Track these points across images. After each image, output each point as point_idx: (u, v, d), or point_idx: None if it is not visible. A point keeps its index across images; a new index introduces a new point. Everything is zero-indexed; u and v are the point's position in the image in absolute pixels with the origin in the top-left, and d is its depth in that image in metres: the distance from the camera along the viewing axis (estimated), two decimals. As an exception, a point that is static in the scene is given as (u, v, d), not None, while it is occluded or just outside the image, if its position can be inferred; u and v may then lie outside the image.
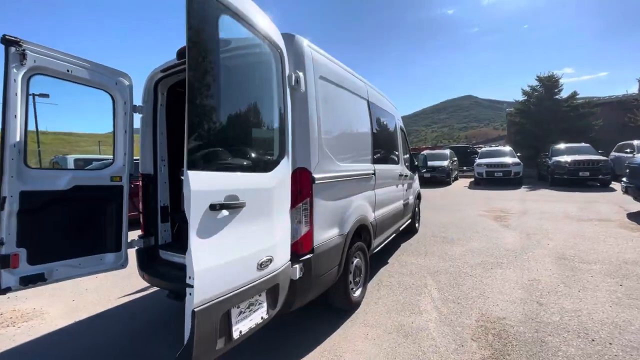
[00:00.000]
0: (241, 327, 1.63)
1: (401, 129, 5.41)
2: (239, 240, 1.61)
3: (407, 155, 5.83)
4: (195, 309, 1.33)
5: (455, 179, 18.02)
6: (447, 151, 17.24)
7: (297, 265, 2.20)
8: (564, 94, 19.72)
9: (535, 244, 5.25)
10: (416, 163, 6.14)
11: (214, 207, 1.45)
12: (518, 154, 15.56)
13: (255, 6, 1.83)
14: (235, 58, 1.88)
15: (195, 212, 1.36)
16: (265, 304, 1.83)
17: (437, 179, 15.34)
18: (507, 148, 16.51)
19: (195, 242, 1.36)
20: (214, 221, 1.47)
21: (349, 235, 2.92)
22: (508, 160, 14.28)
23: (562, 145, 14.55)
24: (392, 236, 4.56)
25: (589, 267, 4.12)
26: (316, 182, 2.39)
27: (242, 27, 1.72)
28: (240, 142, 1.82)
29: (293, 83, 2.23)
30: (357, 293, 3.26)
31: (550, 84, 19.58)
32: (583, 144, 14.35)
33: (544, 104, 19.20)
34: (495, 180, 14.21)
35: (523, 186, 13.51)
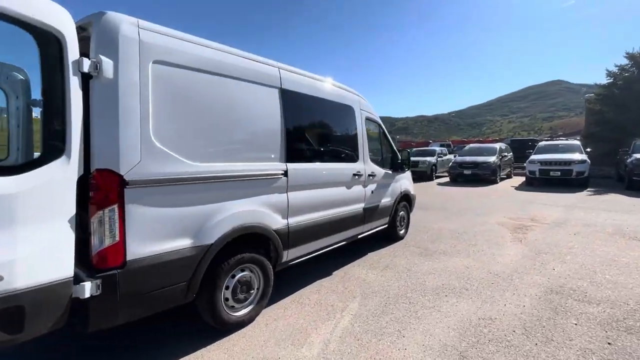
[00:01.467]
0: None
1: (369, 121, 4.67)
2: None
3: (381, 151, 5.05)
4: None
5: (508, 176, 15.75)
6: (497, 145, 15.05)
7: (88, 283, 1.90)
8: (666, 74, 15.63)
9: (537, 267, 4.12)
10: (399, 160, 5.30)
11: None
12: (588, 150, 12.85)
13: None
14: None
15: None
16: (-9, 329, 1.58)
17: (479, 176, 13.52)
18: (574, 142, 13.75)
19: None
20: None
21: (216, 246, 2.50)
22: (570, 156, 11.85)
23: (651, 139, 11.59)
24: (337, 245, 3.97)
25: (585, 309, 3.03)
26: (131, 185, 2.04)
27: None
28: None
29: (86, 69, 1.88)
30: (242, 312, 2.83)
31: (646, 61, 15.66)
32: (683, 138, 11.23)
33: (634, 87, 15.47)
34: (551, 180, 11.96)
35: (589, 189, 11.13)
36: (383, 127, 5.05)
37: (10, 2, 1.62)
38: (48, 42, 1.76)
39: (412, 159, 16.34)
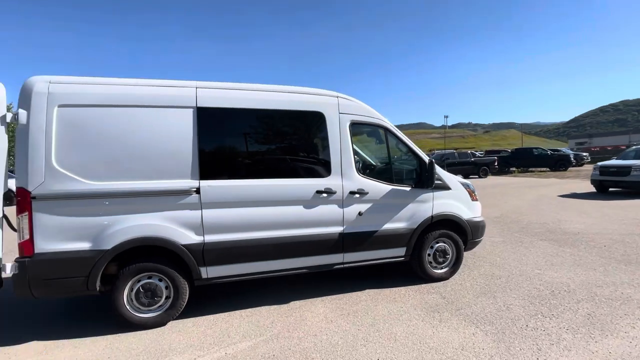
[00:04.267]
0: None
1: (360, 125, 3.74)
2: None
3: (389, 161, 3.91)
4: None
5: None
6: None
7: (9, 264, 2.79)
8: None
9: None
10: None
11: None
12: None
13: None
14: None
15: None
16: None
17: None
18: None
19: None
20: None
21: (112, 252, 2.93)
22: None
23: None
24: (293, 272, 3.51)
25: None
26: (37, 199, 2.80)
27: None
28: None
29: (9, 120, 2.78)
30: (148, 315, 3.09)
31: None
32: None
33: None
34: None
35: None
36: (392, 129, 3.88)
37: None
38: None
39: (618, 162, 10.87)
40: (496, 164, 21.50)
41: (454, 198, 4.10)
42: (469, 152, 24.70)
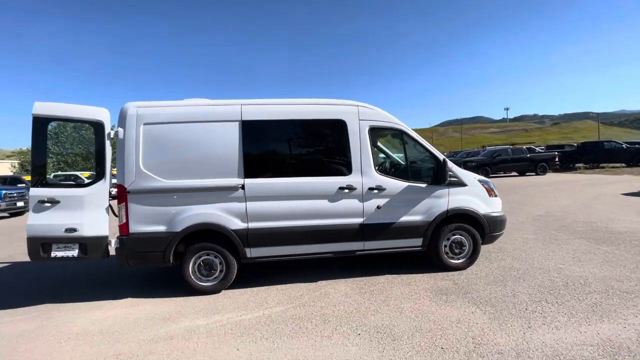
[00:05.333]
0: (58, 253, 3.75)
1: (379, 130, 4.27)
2: (53, 216, 3.70)
3: (406, 160, 4.35)
4: (26, 237, 3.69)
5: None
6: None
7: (113, 240, 3.86)
8: None
9: (581, 364, 2.35)
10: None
11: (41, 201, 3.69)
12: None
13: (75, 109, 3.75)
14: (67, 133, 3.88)
15: (31, 204, 3.70)
16: (77, 250, 3.78)
17: None
18: None
19: (30, 214, 3.69)
20: (42, 207, 3.71)
21: (180, 233, 3.86)
22: None
23: None
24: (321, 255, 4.15)
25: None
26: (131, 193, 3.82)
27: (65, 120, 3.75)
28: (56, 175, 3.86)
29: (112, 135, 3.84)
30: (207, 284, 3.99)
31: None
32: None
33: None
34: None
35: None
36: (409, 132, 4.30)
37: (84, 116, 3.81)
38: (99, 127, 3.84)
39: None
40: (556, 160, 19.83)
41: (470, 194, 4.39)
42: (524, 147, 23.00)
